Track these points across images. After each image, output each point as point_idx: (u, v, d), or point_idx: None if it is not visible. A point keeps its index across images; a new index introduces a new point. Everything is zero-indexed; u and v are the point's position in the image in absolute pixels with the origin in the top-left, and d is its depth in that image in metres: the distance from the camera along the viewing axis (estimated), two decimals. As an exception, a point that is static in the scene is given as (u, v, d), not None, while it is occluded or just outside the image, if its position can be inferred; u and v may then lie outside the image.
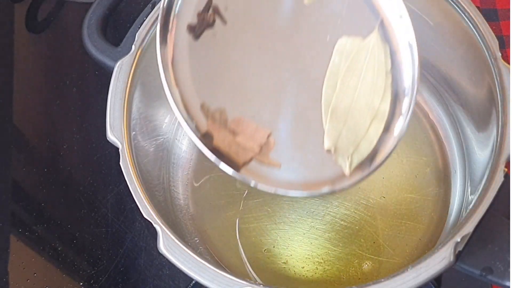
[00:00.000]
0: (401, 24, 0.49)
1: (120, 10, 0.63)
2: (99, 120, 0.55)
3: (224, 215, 0.62)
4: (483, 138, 0.58)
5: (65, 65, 0.76)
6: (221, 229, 0.61)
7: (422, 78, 0.66)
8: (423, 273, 0.46)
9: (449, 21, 0.58)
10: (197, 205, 0.63)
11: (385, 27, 0.49)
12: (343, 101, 0.48)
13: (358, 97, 0.48)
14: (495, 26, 0.72)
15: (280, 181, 0.47)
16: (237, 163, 0.47)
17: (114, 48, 0.58)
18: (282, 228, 0.61)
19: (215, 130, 0.48)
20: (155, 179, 0.58)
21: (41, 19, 0.79)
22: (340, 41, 0.49)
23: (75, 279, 0.64)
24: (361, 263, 0.59)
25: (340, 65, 0.49)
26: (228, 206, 0.62)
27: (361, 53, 0.49)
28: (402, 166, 0.63)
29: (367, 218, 0.61)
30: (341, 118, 0.48)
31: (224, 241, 0.61)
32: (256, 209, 0.62)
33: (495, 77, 0.54)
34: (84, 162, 0.71)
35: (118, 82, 0.55)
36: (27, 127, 0.73)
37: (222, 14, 0.49)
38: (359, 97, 0.48)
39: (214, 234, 0.62)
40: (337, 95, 0.48)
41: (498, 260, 0.48)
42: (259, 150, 0.48)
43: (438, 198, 0.62)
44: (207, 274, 0.47)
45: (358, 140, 0.48)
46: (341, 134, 0.48)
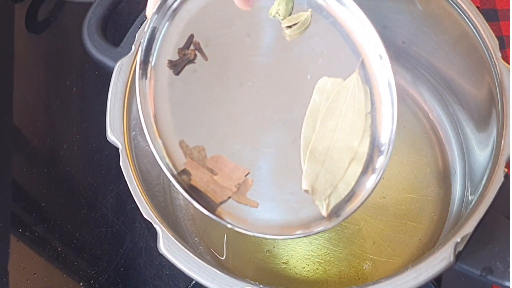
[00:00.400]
0: (381, 64, 0.49)
1: (120, 10, 0.63)
2: (99, 120, 0.55)
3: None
4: (483, 138, 0.58)
5: (65, 65, 0.76)
6: (221, 229, 0.61)
7: (422, 78, 0.67)
8: (423, 273, 0.46)
9: (449, 21, 0.58)
10: (196, 206, 0.63)
11: (365, 68, 0.49)
12: (322, 142, 0.48)
13: (337, 138, 0.49)
14: (495, 26, 0.72)
15: (258, 221, 0.48)
16: (214, 201, 0.48)
17: (114, 48, 0.58)
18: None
19: (193, 168, 0.48)
20: (155, 179, 0.58)
21: (41, 20, 0.79)
22: (321, 80, 0.49)
23: (75, 279, 0.64)
24: (362, 263, 0.59)
25: (320, 105, 0.49)
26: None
27: (342, 94, 0.49)
28: (402, 166, 0.63)
29: (367, 218, 0.61)
30: (319, 159, 0.48)
31: (223, 241, 0.61)
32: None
33: (495, 77, 0.54)
34: (84, 162, 0.71)
35: (118, 82, 0.55)
36: (27, 127, 0.73)
37: (203, 50, 0.50)
38: (338, 138, 0.48)
39: (214, 234, 0.61)
40: (316, 136, 0.48)
41: (498, 260, 0.48)
42: (236, 189, 0.48)
43: (438, 198, 0.62)
44: (207, 274, 0.47)
45: (336, 181, 0.48)
46: (319, 175, 0.48)
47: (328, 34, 0.50)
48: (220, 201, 0.48)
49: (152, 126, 0.48)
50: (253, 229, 0.47)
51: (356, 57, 0.49)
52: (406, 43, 0.65)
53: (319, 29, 0.50)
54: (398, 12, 0.63)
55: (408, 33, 0.64)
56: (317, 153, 0.48)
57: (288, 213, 0.48)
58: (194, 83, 0.49)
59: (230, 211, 0.48)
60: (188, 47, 0.50)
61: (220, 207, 0.48)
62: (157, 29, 0.50)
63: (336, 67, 0.49)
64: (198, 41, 0.50)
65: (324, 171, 0.48)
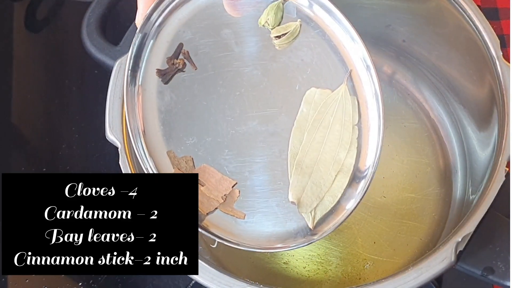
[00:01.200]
0: (368, 75, 0.49)
1: (119, 9, 0.63)
2: (98, 119, 0.55)
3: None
4: (484, 137, 0.58)
5: (64, 64, 0.76)
6: (221, 229, 0.61)
7: (423, 77, 0.66)
8: (424, 273, 0.46)
9: (450, 20, 0.58)
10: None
11: (353, 79, 0.49)
12: (309, 154, 0.48)
13: (324, 150, 0.49)
14: (496, 25, 0.71)
15: (244, 232, 0.48)
16: (201, 212, 0.48)
17: (113, 47, 0.58)
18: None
19: None
20: (154, 179, 0.58)
21: (40, 18, 0.79)
22: (309, 91, 0.49)
23: (74, 279, 0.64)
24: (362, 263, 0.59)
25: (308, 116, 0.49)
26: (228, 206, 0.62)
27: (329, 105, 0.49)
28: (403, 165, 0.63)
29: (368, 218, 0.61)
30: (306, 171, 0.48)
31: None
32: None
33: (496, 76, 0.53)
34: (83, 162, 0.70)
35: (118, 81, 0.55)
36: (26, 126, 0.73)
37: (192, 60, 0.50)
38: (325, 150, 0.49)
39: (214, 233, 0.61)
40: (303, 148, 0.49)
41: (499, 260, 0.47)
42: (223, 200, 0.48)
43: (439, 197, 0.62)
44: (207, 274, 0.47)
45: (322, 193, 0.48)
46: (305, 187, 0.48)
47: (317, 45, 0.50)
48: (207, 212, 0.48)
49: (139, 135, 0.49)
50: (240, 240, 0.48)
51: (344, 69, 0.49)
52: (407, 41, 0.65)
53: (308, 40, 0.50)
54: (399, 11, 0.63)
55: (409, 32, 0.64)
56: (304, 165, 0.48)
57: (274, 224, 0.48)
58: (183, 93, 0.50)
59: (216, 222, 0.48)
60: (177, 56, 0.50)
61: (206, 219, 0.48)
62: (146, 37, 0.50)
63: (325, 78, 0.49)
64: (187, 50, 0.50)
65: (310, 184, 0.48)
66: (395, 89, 0.67)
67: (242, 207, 0.48)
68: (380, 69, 0.68)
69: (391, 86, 0.67)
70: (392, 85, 0.67)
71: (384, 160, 0.63)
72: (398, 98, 0.67)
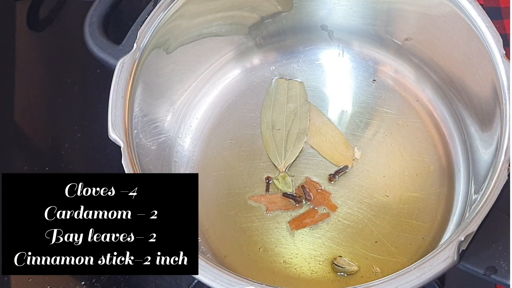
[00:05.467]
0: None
1: (122, 8, 0.63)
2: (101, 118, 0.55)
3: (226, 214, 0.62)
4: (487, 136, 0.57)
5: (66, 64, 0.76)
6: (223, 228, 0.61)
7: (426, 76, 0.66)
8: (427, 272, 0.46)
9: (453, 19, 0.58)
10: (199, 204, 0.63)
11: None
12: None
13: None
14: (499, 24, 0.71)
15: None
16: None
17: (116, 46, 0.58)
18: (284, 227, 0.61)
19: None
20: (156, 178, 0.58)
21: (42, 17, 0.79)
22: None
23: (76, 278, 0.64)
24: (364, 262, 0.59)
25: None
26: (230, 205, 0.62)
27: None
28: (405, 164, 0.63)
29: (370, 217, 0.61)
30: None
31: (225, 240, 0.61)
32: (258, 208, 0.62)
33: (499, 75, 0.53)
34: (86, 161, 0.70)
35: (120, 81, 0.55)
36: (28, 125, 0.73)
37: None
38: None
39: (216, 233, 0.61)
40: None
41: (502, 259, 0.47)
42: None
43: (441, 197, 0.61)
44: (209, 273, 0.47)
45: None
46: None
47: None
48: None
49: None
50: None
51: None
52: (410, 40, 0.65)
53: None
54: (401, 10, 0.63)
55: (412, 30, 0.64)
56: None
57: None
58: None
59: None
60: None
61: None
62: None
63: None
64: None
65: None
66: (398, 88, 0.67)
67: None
68: (382, 68, 0.68)
69: (394, 85, 0.67)
70: (394, 84, 0.67)
71: (386, 159, 0.63)
72: (400, 97, 0.66)
